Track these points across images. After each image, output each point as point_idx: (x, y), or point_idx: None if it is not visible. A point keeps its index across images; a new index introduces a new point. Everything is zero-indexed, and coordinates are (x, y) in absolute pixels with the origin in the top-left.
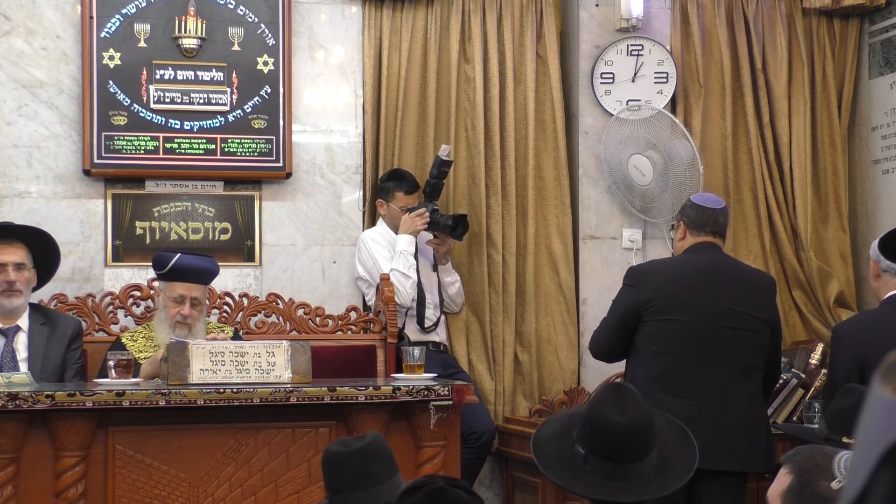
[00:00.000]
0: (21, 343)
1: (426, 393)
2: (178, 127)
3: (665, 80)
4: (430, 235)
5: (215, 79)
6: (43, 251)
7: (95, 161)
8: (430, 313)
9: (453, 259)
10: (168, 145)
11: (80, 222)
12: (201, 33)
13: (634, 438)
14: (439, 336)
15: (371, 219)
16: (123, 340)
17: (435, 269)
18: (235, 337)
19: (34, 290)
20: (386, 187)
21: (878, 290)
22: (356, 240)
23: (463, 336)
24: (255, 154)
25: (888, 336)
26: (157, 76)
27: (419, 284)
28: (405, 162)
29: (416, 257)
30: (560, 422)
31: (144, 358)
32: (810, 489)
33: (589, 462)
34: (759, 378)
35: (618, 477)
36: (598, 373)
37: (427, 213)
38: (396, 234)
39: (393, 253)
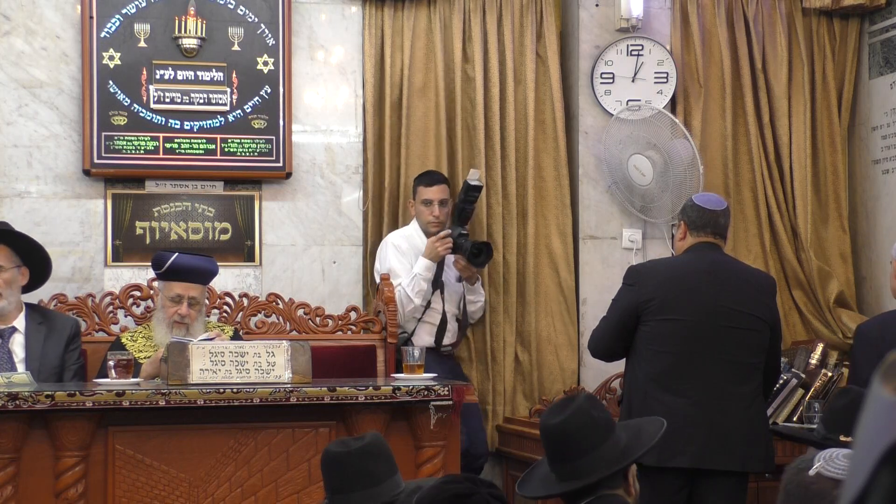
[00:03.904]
0: (18, 344)
1: (426, 393)
2: (178, 127)
3: (665, 80)
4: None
5: (215, 79)
6: (31, 249)
7: (95, 161)
8: (451, 325)
9: None
10: (168, 145)
11: (80, 222)
12: (201, 33)
13: (563, 438)
14: (452, 339)
15: (377, 220)
16: (123, 340)
17: (460, 280)
18: (235, 337)
19: (30, 289)
20: (413, 187)
21: None
22: (356, 240)
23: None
24: (255, 154)
25: None
26: (157, 76)
27: (443, 305)
28: (407, 162)
29: (438, 282)
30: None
31: (144, 358)
32: (796, 483)
33: (553, 471)
34: (758, 378)
35: (573, 475)
36: (598, 372)
37: (449, 239)
38: (424, 235)
39: (413, 259)
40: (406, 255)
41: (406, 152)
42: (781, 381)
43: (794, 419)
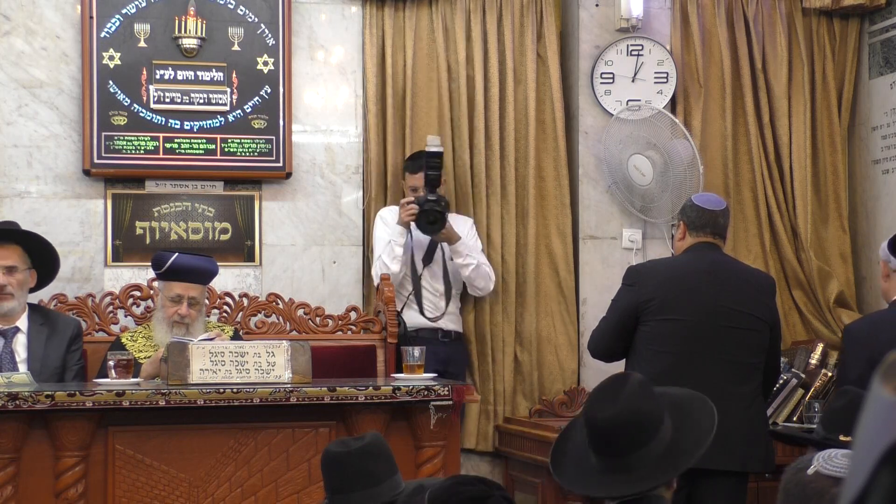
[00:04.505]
0: (20, 344)
1: (426, 393)
2: (178, 127)
3: (665, 80)
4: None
5: (215, 79)
6: (42, 251)
7: (95, 161)
8: (432, 303)
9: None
10: (168, 145)
11: (80, 222)
12: (201, 33)
13: (622, 431)
14: (450, 324)
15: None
16: (123, 340)
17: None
18: (235, 337)
19: (36, 290)
20: (402, 168)
21: (888, 291)
22: (356, 240)
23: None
24: (255, 154)
25: None
26: (157, 76)
27: (415, 273)
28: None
29: (429, 258)
30: (576, 426)
31: (144, 358)
32: (794, 482)
33: (595, 459)
34: (758, 378)
35: (620, 469)
36: (598, 372)
37: (412, 205)
38: None
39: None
40: (390, 227)
41: (406, 152)
42: (781, 381)
43: (794, 419)
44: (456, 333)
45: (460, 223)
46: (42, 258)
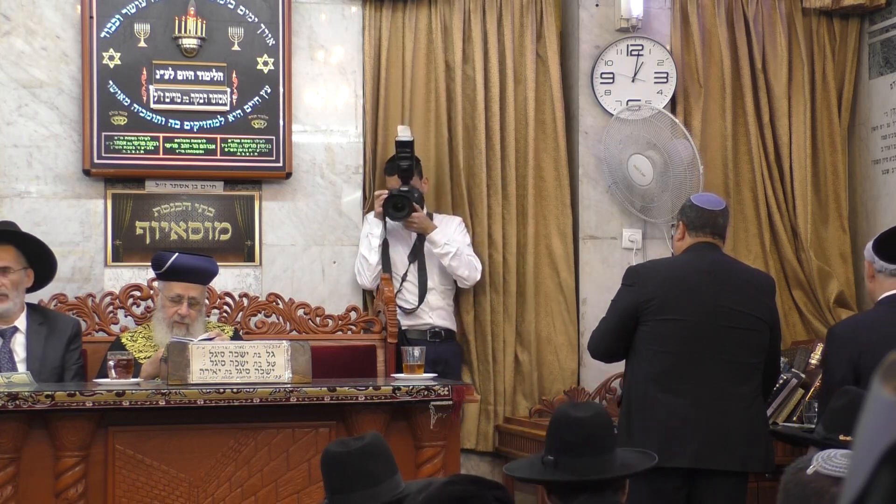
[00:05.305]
0: (19, 344)
1: (426, 393)
2: (178, 127)
3: (665, 80)
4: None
5: (215, 79)
6: (38, 250)
7: (95, 161)
8: (409, 295)
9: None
10: (168, 145)
11: (80, 222)
12: (201, 33)
13: (593, 430)
14: (439, 321)
15: None
16: (123, 340)
17: (419, 246)
18: (235, 337)
19: (34, 289)
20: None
21: (874, 291)
22: (356, 240)
23: (462, 336)
24: (255, 154)
25: (884, 337)
26: (157, 76)
27: (390, 266)
28: None
29: (417, 255)
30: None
31: (144, 358)
32: (794, 482)
33: (559, 466)
34: (758, 378)
35: (586, 474)
36: (598, 373)
37: (383, 196)
38: None
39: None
40: (375, 226)
41: None
42: (781, 381)
43: (794, 419)
44: (447, 332)
45: (447, 222)
46: (39, 257)
